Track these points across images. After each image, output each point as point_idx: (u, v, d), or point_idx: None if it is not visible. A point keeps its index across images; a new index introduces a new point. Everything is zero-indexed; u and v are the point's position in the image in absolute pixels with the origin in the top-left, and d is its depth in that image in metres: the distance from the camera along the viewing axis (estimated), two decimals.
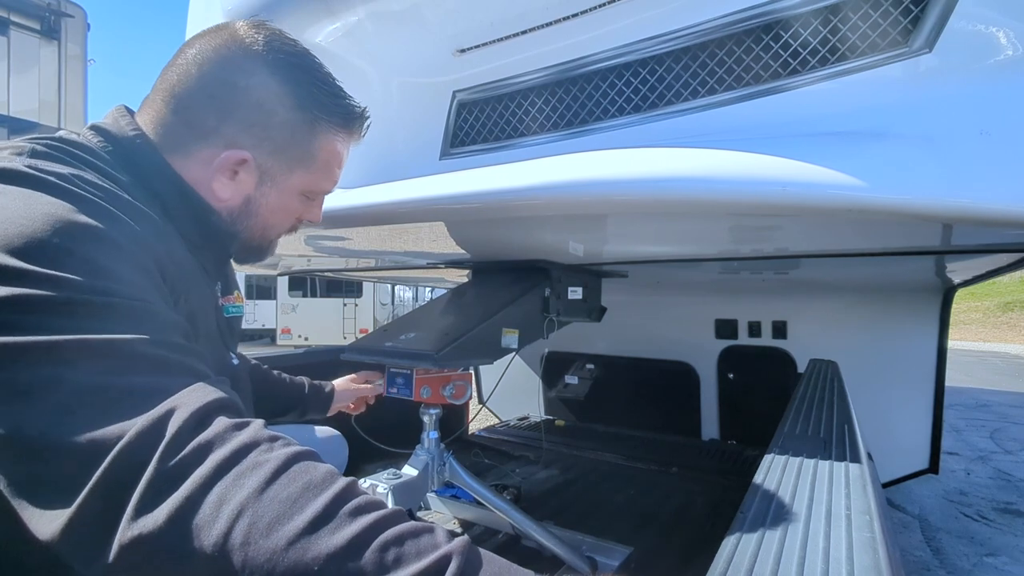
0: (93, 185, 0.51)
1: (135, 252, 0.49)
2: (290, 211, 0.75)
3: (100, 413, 0.39)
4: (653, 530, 1.71)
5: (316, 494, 0.38)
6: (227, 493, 0.36)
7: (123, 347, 0.42)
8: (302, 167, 0.71)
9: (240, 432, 0.41)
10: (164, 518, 0.35)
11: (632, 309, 2.94)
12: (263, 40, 0.65)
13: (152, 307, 0.48)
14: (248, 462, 0.39)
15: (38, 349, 0.39)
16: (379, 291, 12.28)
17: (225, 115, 0.64)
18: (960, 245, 1.21)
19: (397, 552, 0.36)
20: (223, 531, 0.35)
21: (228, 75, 0.64)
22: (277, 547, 0.34)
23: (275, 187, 0.70)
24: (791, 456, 0.82)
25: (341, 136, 0.73)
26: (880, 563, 0.47)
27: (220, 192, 0.67)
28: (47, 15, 3.85)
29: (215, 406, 0.42)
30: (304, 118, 0.68)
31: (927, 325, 2.39)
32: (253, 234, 0.73)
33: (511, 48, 1.16)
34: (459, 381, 1.35)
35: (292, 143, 0.68)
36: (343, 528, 0.36)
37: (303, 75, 0.68)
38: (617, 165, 0.90)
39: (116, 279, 0.45)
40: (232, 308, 0.81)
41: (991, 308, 17.48)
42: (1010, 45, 0.78)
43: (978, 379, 7.93)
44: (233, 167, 0.66)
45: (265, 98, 0.65)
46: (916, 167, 0.78)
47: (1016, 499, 3.12)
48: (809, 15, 0.90)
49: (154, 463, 0.37)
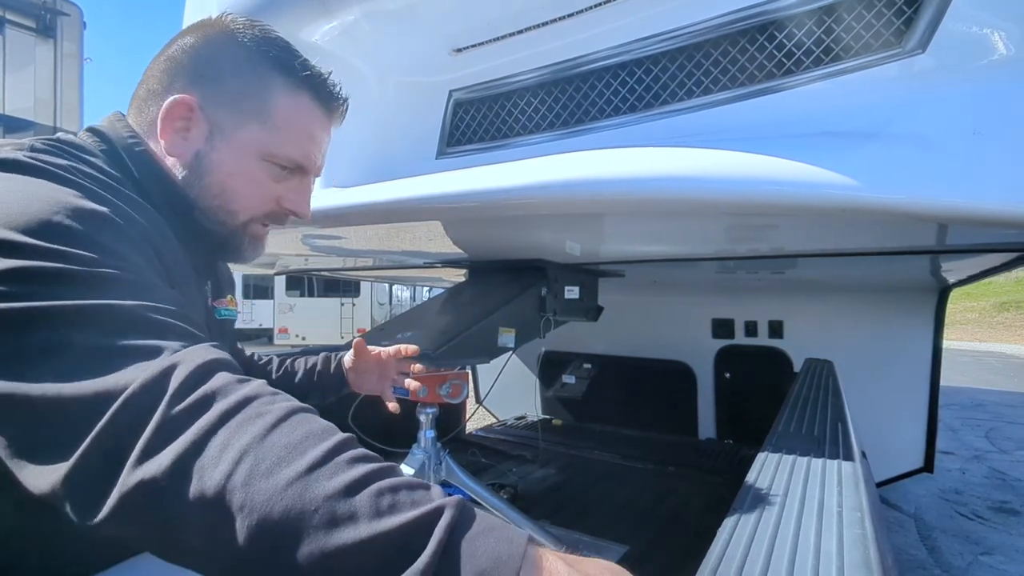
0: (91, 177, 0.53)
1: (132, 234, 0.51)
2: (255, 179, 0.69)
3: (104, 370, 0.40)
4: (649, 529, 1.72)
5: (316, 442, 0.39)
6: (231, 438, 0.38)
7: (124, 311, 0.44)
8: (255, 121, 0.67)
9: (242, 385, 0.42)
10: (168, 462, 0.36)
11: (629, 308, 2.95)
12: (230, 21, 0.67)
13: (152, 281, 0.50)
14: (251, 411, 0.40)
15: (41, 315, 0.40)
16: (377, 291, 12.27)
17: (177, 72, 0.65)
18: (954, 245, 1.22)
19: (392, 499, 0.37)
20: (225, 472, 0.36)
21: (185, 41, 0.66)
22: (276, 487, 0.35)
23: (226, 141, 0.67)
24: (785, 454, 0.83)
25: (304, 97, 0.70)
26: (870, 559, 0.47)
27: (169, 147, 0.65)
28: (43, 13, 3.83)
29: (217, 363, 0.43)
30: (257, 70, 0.66)
31: (923, 325, 2.40)
32: (212, 202, 0.68)
33: (507, 48, 1.16)
34: (456, 380, 1.35)
35: (243, 95, 0.66)
36: (340, 473, 0.37)
37: (264, 39, 0.67)
38: (613, 164, 0.90)
39: (117, 255, 0.47)
40: (224, 311, 0.80)
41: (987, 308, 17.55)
42: (1003, 46, 0.79)
43: (974, 379, 7.96)
44: (183, 118, 0.65)
45: (219, 55, 0.65)
46: (910, 167, 0.79)
47: (1011, 498, 3.13)
48: (804, 15, 0.90)
49: (159, 411, 0.38)
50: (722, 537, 0.53)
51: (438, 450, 1.34)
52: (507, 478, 2.16)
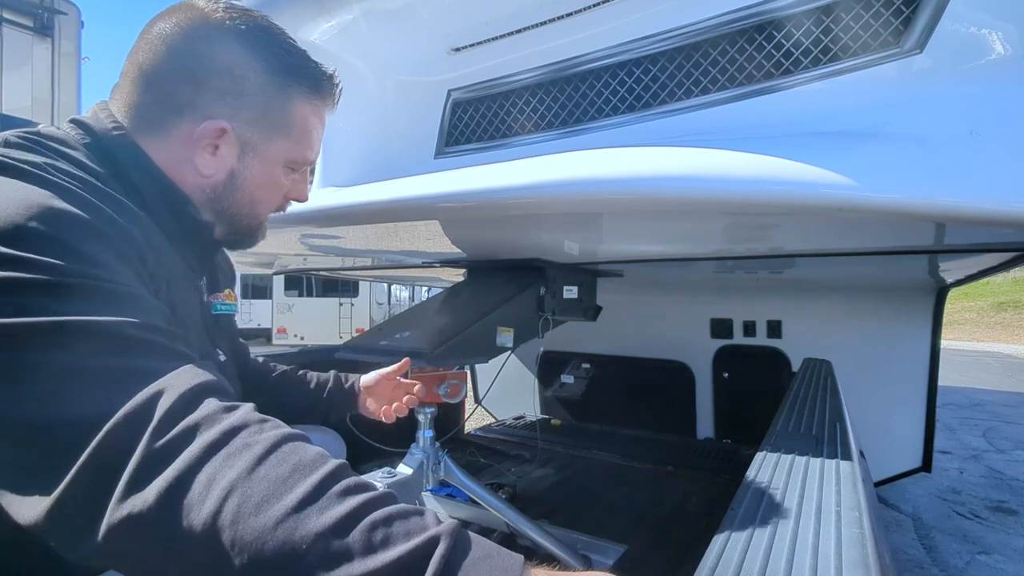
0: (67, 174, 0.50)
1: (113, 238, 0.48)
2: (276, 184, 0.72)
3: (85, 395, 0.38)
4: (648, 529, 1.72)
5: (305, 475, 0.37)
6: (217, 473, 0.36)
7: (107, 329, 0.41)
8: (281, 134, 0.69)
9: (229, 414, 0.40)
10: (154, 498, 0.35)
11: (628, 308, 2.95)
12: (223, 9, 0.65)
13: (134, 291, 0.47)
14: (238, 442, 0.38)
15: (19, 331, 0.38)
16: (375, 291, 12.25)
17: (197, 86, 0.63)
18: (952, 244, 1.22)
19: (385, 532, 0.36)
20: (213, 510, 0.35)
21: (195, 45, 0.63)
22: (266, 526, 0.34)
23: (257, 157, 0.68)
24: (783, 454, 0.83)
25: (315, 102, 0.72)
26: (868, 558, 0.47)
27: (204, 168, 0.65)
28: (40, 12, 3.82)
29: (203, 388, 0.42)
30: (276, 82, 0.67)
31: (920, 324, 2.41)
32: (241, 211, 0.71)
33: (505, 47, 1.16)
34: (454, 380, 1.35)
35: (269, 109, 0.67)
36: (331, 508, 0.36)
37: (269, 40, 0.67)
38: (611, 164, 0.90)
39: (96, 263, 0.44)
40: (222, 305, 0.79)
41: (985, 308, 17.58)
42: (1000, 46, 0.79)
43: (972, 378, 7.97)
44: (213, 140, 0.64)
45: (235, 64, 0.64)
46: (907, 167, 0.79)
47: (1009, 497, 3.14)
48: (802, 15, 0.90)
49: (143, 444, 0.37)
50: (720, 536, 0.53)
51: (436, 450, 1.34)
52: (506, 478, 2.16)
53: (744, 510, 0.60)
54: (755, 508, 0.60)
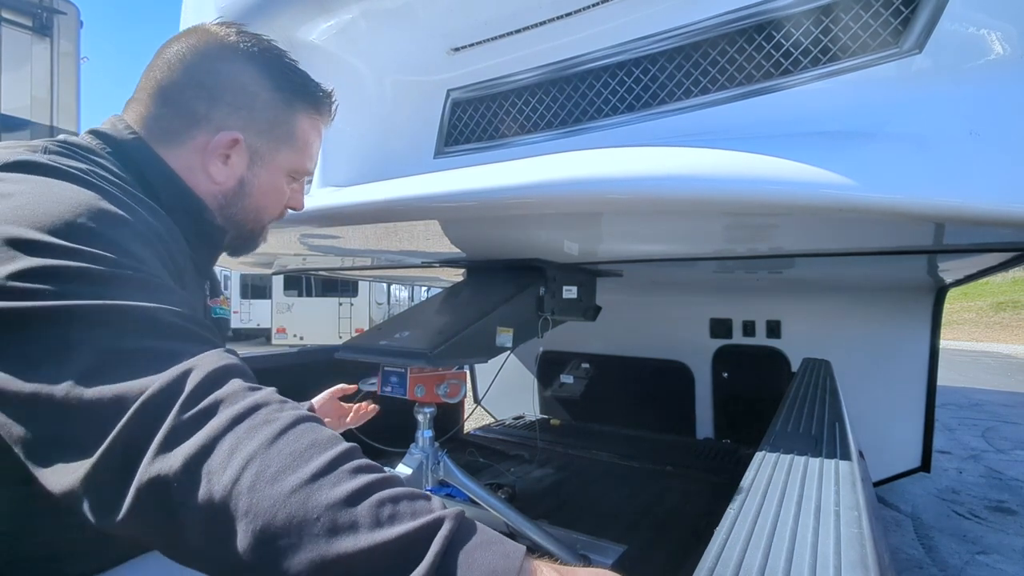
0: (108, 181, 0.56)
1: (148, 237, 0.54)
2: (280, 192, 0.79)
3: (123, 373, 0.41)
4: (647, 529, 1.72)
5: (321, 451, 0.40)
6: (239, 443, 0.39)
7: (144, 313, 0.45)
8: (287, 146, 0.76)
9: (253, 393, 0.43)
10: (180, 462, 0.38)
11: (627, 308, 2.95)
12: (234, 34, 0.72)
13: (167, 284, 0.52)
14: (259, 417, 0.41)
15: (65, 314, 0.42)
16: (375, 291, 12.25)
17: (213, 100, 0.69)
18: (951, 244, 1.22)
19: (392, 510, 0.37)
20: (232, 477, 0.37)
21: (211, 65, 0.70)
22: (280, 494, 0.36)
23: (265, 167, 0.75)
24: (782, 453, 0.83)
25: (315, 116, 0.80)
26: (867, 558, 0.47)
27: (217, 175, 0.71)
28: (39, 12, 3.81)
29: (229, 369, 0.45)
30: (283, 98, 0.74)
31: (920, 324, 2.41)
32: (247, 216, 0.77)
33: (505, 47, 1.16)
34: (453, 380, 1.35)
35: (276, 123, 0.74)
36: (343, 483, 0.38)
37: (275, 61, 0.74)
38: (610, 164, 0.90)
39: (136, 257, 0.49)
40: (219, 310, 0.82)
41: (984, 308, 17.60)
42: (999, 46, 0.79)
43: (971, 378, 7.98)
44: (225, 150, 0.71)
45: (247, 82, 0.71)
46: (907, 167, 0.79)
47: (1008, 497, 3.14)
48: (801, 15, 0.90)
49: (173, 413, 0.40)
50: (720, 536, 0.53)
51: (436, 450, 1.34)
52: (505, 478, 2.16)
53: (743, 510, 0.60)
54: (754, 508, 0.60)
